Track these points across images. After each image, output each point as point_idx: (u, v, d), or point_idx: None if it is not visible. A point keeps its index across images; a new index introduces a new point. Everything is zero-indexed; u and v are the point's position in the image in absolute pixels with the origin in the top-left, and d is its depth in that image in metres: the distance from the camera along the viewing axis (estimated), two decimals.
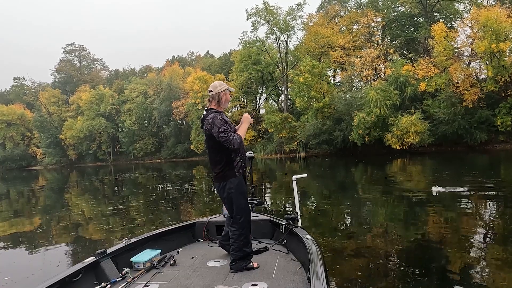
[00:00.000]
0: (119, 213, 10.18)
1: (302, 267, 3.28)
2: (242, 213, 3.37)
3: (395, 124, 28.34)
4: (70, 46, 75.17)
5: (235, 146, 3.21)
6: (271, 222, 4.33)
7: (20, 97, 74.26)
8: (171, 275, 3.30)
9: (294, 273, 3.20)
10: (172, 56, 72.05)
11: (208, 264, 3.59)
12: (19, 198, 17.80)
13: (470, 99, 27.52)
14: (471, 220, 6.66)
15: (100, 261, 3.24)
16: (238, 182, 3.36)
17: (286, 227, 3.96)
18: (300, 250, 3.43)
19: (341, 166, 23.64)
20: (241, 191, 3.38)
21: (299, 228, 3.85)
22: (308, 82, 33.88)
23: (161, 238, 4.06)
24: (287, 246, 3.86)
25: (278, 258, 3.53)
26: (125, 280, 3.18)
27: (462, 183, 10.78)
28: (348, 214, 8.36)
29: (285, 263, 3.45)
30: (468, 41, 30.43)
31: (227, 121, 3.35)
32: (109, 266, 3.27)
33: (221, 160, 3.36)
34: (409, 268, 4.60)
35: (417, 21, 37.03)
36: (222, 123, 3.24)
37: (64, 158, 67.49)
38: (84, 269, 3.06)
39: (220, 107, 3.47)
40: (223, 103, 3.48)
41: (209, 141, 3.42)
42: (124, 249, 3.57)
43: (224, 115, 3.39)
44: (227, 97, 3.50)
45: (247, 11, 42.51)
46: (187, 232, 4.43)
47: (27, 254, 6.53)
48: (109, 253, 3.37)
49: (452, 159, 22.59)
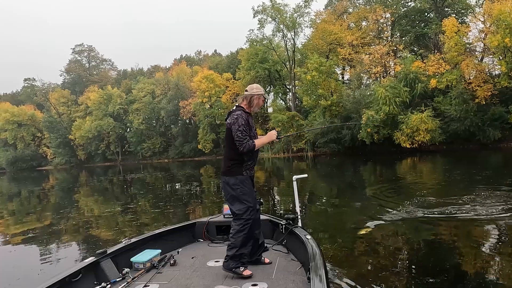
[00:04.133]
0: (127, 212, 10.21)
1: (302, 267, 3.28)
2: (245, 211, 3.33)
3: (404, 122, 27.75)
4: (79, 47, 75.79)
5: (244, 150, 3.31)
6: (271, 222, 4.32)
7: (30, 98, 75.09)
8: (171, 275, 3.32)
9: (294, 273, 3.20)
10: (180, 56, 72.17)
11: (208, 264, 3.59)
12: (30, 198, 17.93)
13: (482, 95, 26.80)
14: (484, 223, 6.21)
15: (100, 261, 3.24)
16: (244, 179, 3.39)
17: (286, 227, 3.96)
18: (300, 250, 3.43)
19: (349, 165, 23.17)
20: (246, 189, 3.38)
21: (299, 228, 3.85)
22: (316, 80, 33.40)
23: (161, 238, 4.06)
24: (287, 246, 3.86)
25: (278, 258, 3.51)
26: (125, 280, 3.19)
27: (475, 182, 10.30)
28: (353, 214, 7.98)
29: (285, 263, 3.46)
30: (480, 36, 29.65)
31: (250, 124, 3.45)
32: (109, 266, 3.28)
33: (233, 156, 3.42)
34: (413, 270, 4.44)
35: (427, 16, 36.24)
36: (244, 124, 3.34)
37: (73, 158, 68.06)
38: (84, 269, 3.07)
39: (250, 109, 3.55)
40: (254, 106, 3.55)
41: (227, 136, 3.49)
42: (124, 249, 3.57)
43: (250, 118, 3.49)
44: (259, 102, 3.57)
45: (254, 9, 42.19)
46: (187, 232, 4.44)
47: (38, 254, 6.56)
48: (109, 253, 3.37)
49: (464, 158, 21.98)
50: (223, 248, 3.89)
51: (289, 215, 4.03)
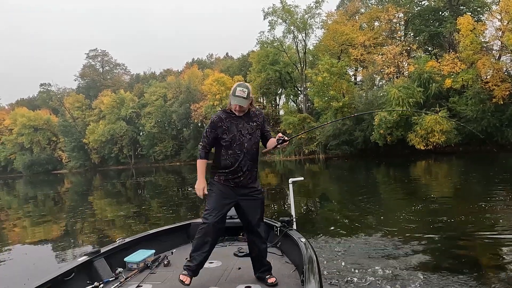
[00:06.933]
0: (140, 215, 10.29)
1: (296, 270, 3.25)
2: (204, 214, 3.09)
3: (418, 123, 27.07)
4: (93, 52, 76.85)
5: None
6: (266, 225, 4.16)
7: (46, 103, 76.48)
8: (164, 275, 3.29)
9: (288, 276, 3.17)
10: (192, 59, 72.45)
11: None
12: (46, 201, 18.26)
13: (500, 95, 25.94)
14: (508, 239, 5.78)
15: (93, 261, 3.22)
16: (213, 182, 3.12)
17: (281, 229, 3.92)
18: (295, 252, 3.41)
19: (361, 168, 22.68)
20: (213, 193, 3.10)
21: (294, 231, 3.83)
22: (327, 81, 32.95)
23: (155, 238, 4.04)
24: (282, 248, 3.83)
25: (272, 261, 3.39)
26: (118, 280, 3.17)
27: (494, 185, 9.79)
28: (359, 219, 7.62)
29: (279, 266, 3.41)
30: (497, 34, 28.77)
31: (223, 126, 3.08)
32: (102, 265, 3.26)
33: (214, 156, 3.21)
34: (412, 275, 4.26)
35: (441, 15, 35.43)
36: (208, 126, 3.13)
37: (87, 162, 68.88)
38: (76, 268, 3.04)
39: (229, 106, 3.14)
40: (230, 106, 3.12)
41: None
42: (117, 249, 3.55)
43: (232, 119, 3.09)
44: (232, 104, 3.08)
45: (264, 11, 41.96)
46: (182, 233, 4.41)
47: (49, 255, 6.66)
48: (103, 252, 3.35)
49: (481, 159, 21.26)
50: (217, 250, 3.88)
51: (284, 217, 4.00)
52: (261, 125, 3.19)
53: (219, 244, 4.21)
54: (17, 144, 73.08)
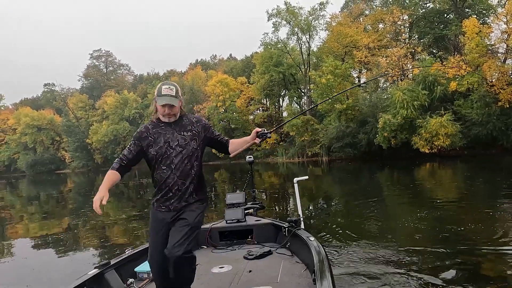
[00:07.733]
0: (142, 218, 10.20)
1: (307, 269, 3.26)
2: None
3: (423, 126, 26.87)
4: (96, 52, 77.10)
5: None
6: (274, 226, 4.33)
7: (50, 103, 76.72)
8: None
9: (299, 276, 3.18)
10: (195, 60, 72.51)
11: (212, 270, 3.54)
12: (49, 201, 18.29)
13: (506, 98, 25.69)
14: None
15: (104, 273, 3.20)
16: (152, 213, 2.73)
17: (289, 229, 3.95)
18: (304, 252, 3.43)
19: (364, 171, 22.53)
20: (152, 224, 2.69)
21: (302, 230, 3.84)
22: (331, 83, 32.82)
23: None
24: (291, 249, 3.84)
25: (283, 262, 3.49)
26: None
27: (502, 190, 9.64)
28: (362, 220, 7.54)
29: (290, 266, 3.44)
30: (503, 37, 28.55)
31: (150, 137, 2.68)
32: (113, 277, 3.24)
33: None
34: (419, 276, 4.30)
35: (447, 17, 35.21)
36: (133, 138, 2.76)
37: (90, 162, 68.96)
38: (88, 281, 3.00)
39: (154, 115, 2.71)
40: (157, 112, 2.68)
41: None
42: (127, 260, 3.55)
43: (142, 127, 2.76)
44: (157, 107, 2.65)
45: (268, 12, 41.90)
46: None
47: (55, 258, 6.62)
48: (113, 264, 3.34)
49: (487, 163, 21.06)
50: (227, 254, 3.98)
51: (292, 217, 4.02)
52: (201, 133, 2.68)
53: (228, 248, 4.25)
54: (21, 143, 73.31)
